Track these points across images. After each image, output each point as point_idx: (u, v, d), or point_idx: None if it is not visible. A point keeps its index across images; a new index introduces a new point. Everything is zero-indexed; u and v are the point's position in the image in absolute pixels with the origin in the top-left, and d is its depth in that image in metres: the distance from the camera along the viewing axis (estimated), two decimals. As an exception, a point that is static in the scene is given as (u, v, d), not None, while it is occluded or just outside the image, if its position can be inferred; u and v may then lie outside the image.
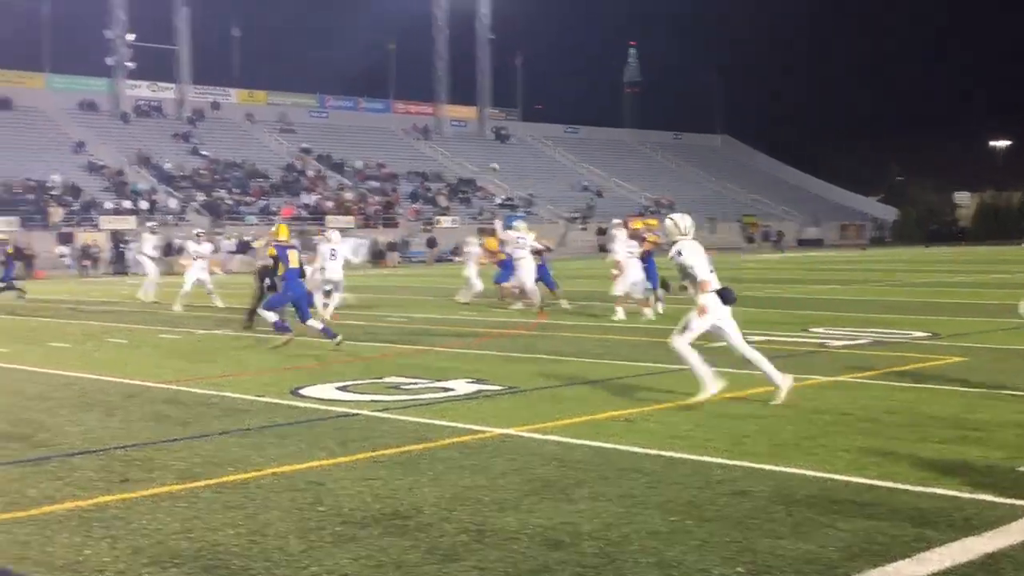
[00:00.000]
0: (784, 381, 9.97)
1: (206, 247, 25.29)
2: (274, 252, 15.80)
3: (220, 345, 16.59)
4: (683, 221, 10.29)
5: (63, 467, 7.86)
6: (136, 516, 6.48)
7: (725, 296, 9.98)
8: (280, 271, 15.68)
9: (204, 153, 75.29)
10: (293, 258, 15.64)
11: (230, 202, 68.00)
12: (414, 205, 74.72)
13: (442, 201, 76.61)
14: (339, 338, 15.08)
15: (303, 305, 15.70)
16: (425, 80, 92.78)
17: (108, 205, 62.54)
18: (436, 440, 8.61)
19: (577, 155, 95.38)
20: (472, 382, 11.85)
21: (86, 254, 53.01)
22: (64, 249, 54.75)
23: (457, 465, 7.72)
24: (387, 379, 12.26)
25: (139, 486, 7.25)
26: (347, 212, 68.78)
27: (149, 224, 34.07)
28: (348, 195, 73.32)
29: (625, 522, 6.15)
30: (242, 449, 8.45)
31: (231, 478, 7.47)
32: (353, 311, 21.71)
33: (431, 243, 64.79)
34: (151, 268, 28.04)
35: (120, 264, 53.29)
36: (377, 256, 59.55)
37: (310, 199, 71.01)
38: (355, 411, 10.15)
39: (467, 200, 78.63)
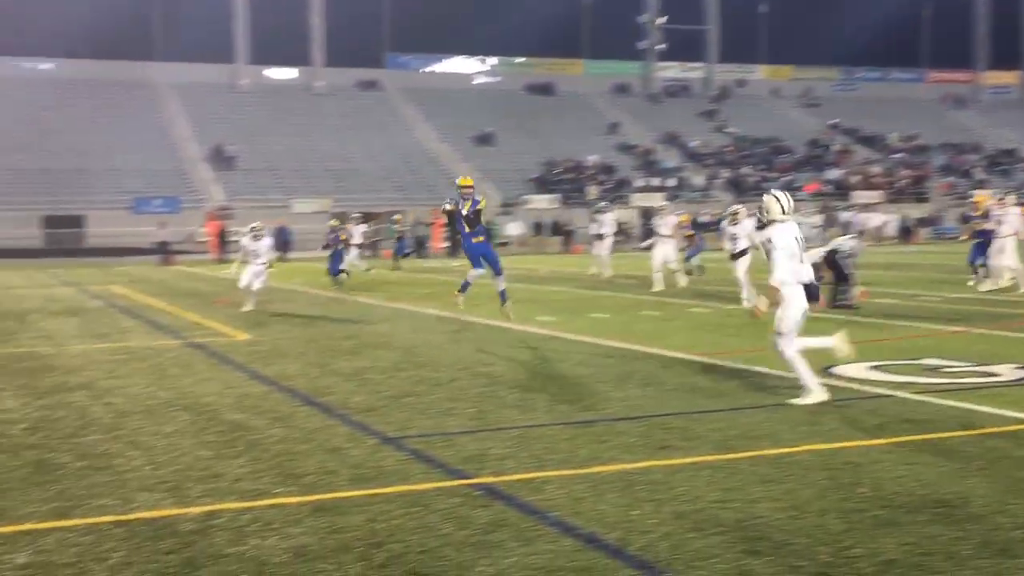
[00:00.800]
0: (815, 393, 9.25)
1: (669, 221, 24.31)
2: (453, 208, 16.20)
3: (748, 320, 16.72)
4: (785, 200, 9.34)
5: (608, 431, 8.33)
6: (677, 482, 6.72)
7: (810, 292, 9.21)
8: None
9: (729, 130, 76.23)
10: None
11: (754, 178, 68.31)
12: (947, 179, 70.66)
13: (978, 174, 71.73)
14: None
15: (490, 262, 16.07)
16: (962, 46, 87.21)
17: (638, 183, 65.37)
18: (982, 427, 8.10)
19: None
20: (1020, 367, 11.01)
21: (619, 230, 55.67)
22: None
23: (1008, 455, 7.22)
24: (924, 360, 11.71)
25: (678, 453, 7.51)
26: (874, 187, 66.63)
27: (602, 204, 35.19)
28: (875, 169, 70.89)
29: None
30: (775, 424, 8.47)
31: (766, 452, 7.51)
32: (887, 289, 21.01)
33: (965, 219, 60.97)
34: (603, 245, 28.56)
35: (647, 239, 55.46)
36: (905, 232, 57.21)
37: (835, 174, 69.50)
38: (891, 392, 9.80)
39: (1007, 172, 72.98)
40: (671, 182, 65.34)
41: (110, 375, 11.73)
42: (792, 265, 9.11)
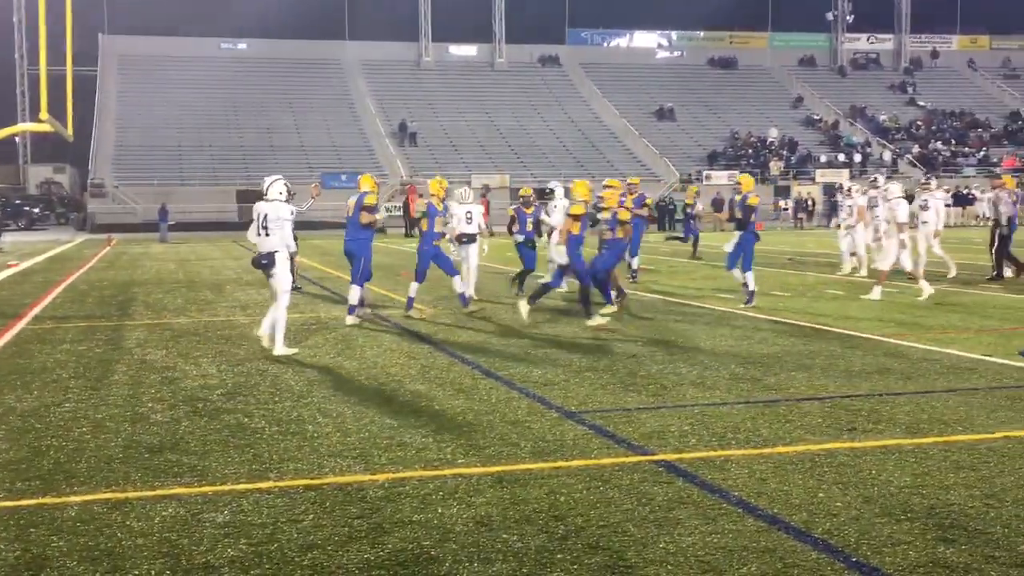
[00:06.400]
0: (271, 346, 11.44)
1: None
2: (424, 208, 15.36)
3: (938, 300, 16.10)
4: (266, 181, 11.75)
5: (792, 411, 8.17)
6: (865, 465, 6.55)
7: (252, 260, 11.56)
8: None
9: (921, 104, 73.39)
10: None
11: (946, 154, 65.62)
12: None
13: None
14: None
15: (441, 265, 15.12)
16: None
17: (822, 159, 63.65)
18: None
19: None
20: None
21: (801, 207, 54.37)
22: (786, 202, 56.67)
23: None
24: None
25: (866, 436, 7.31)
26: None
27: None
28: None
29: None
30: (969, 409, 8.16)
31: (959, 438, 7.25)
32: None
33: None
34: None
35: (832, 217, 53.93)
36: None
37: (1036, 149, 66.12)
38: (1097, 379, 9.30)
39: None
40: (857, 158, 63.37)
41: (300, 344, 12.14)
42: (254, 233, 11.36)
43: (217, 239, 43.57)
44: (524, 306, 13.88)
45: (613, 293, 14.73)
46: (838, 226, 22.22)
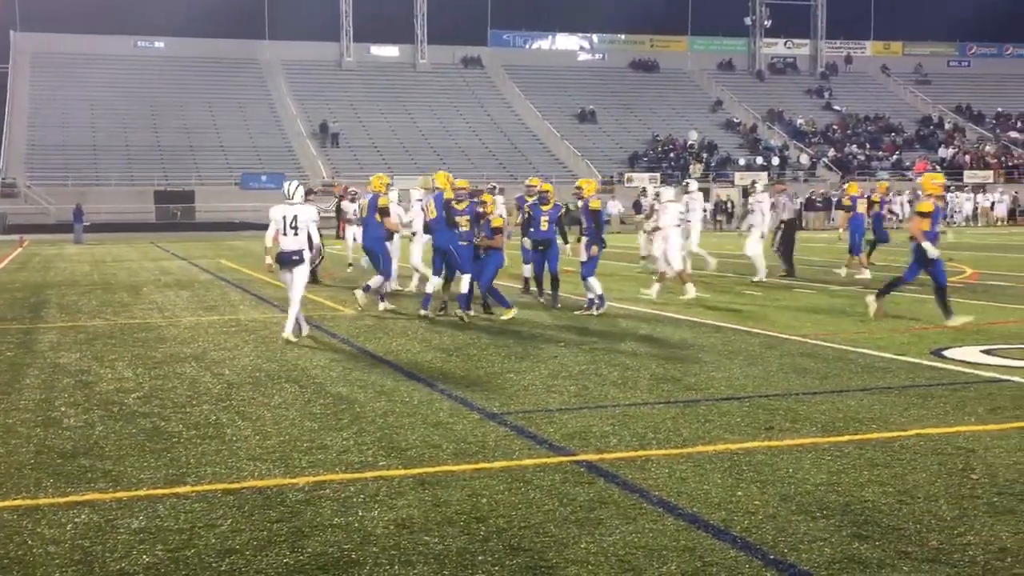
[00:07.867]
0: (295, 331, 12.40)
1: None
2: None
3: (854, 302, 16.41)
4: (292, 187, 12.50)
5: (711, 411, 8.26)
6: (782, 464, 6.64)
7: (278, 257, 12.37)
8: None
9: (836, 108, 74.73)
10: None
11: (861, 157, 66.92)
12: (1065, 158, 68.28)
13: (1099, 153, 69.19)
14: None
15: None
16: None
17: (741, 161, 64.52)
18: (1102, 415, 7.83)
19: None
20: None
21: (720, 209, 55.00)
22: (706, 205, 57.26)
23: None
24: (1039, 345, 11.36)
25: (783, 435, 7.41)
26: (986, 167, 64.71)
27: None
28: (988, 148, 68.79)
29: None
30: (883, 407, 8.31)
31: (874, 435, 7.38)
32: (998, 271, 20.39)
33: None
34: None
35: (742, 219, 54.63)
36: (1012, 214, 55.53)
37: (946, 153, 67.65)
38: (1005, 377, 9.54)
39: None
40: (775, 161, 64.35)
41: (220, 347, 12.00)
42: (273, 234, 12.31)
43: (134, 240, 42.84)
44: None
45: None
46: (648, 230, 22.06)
